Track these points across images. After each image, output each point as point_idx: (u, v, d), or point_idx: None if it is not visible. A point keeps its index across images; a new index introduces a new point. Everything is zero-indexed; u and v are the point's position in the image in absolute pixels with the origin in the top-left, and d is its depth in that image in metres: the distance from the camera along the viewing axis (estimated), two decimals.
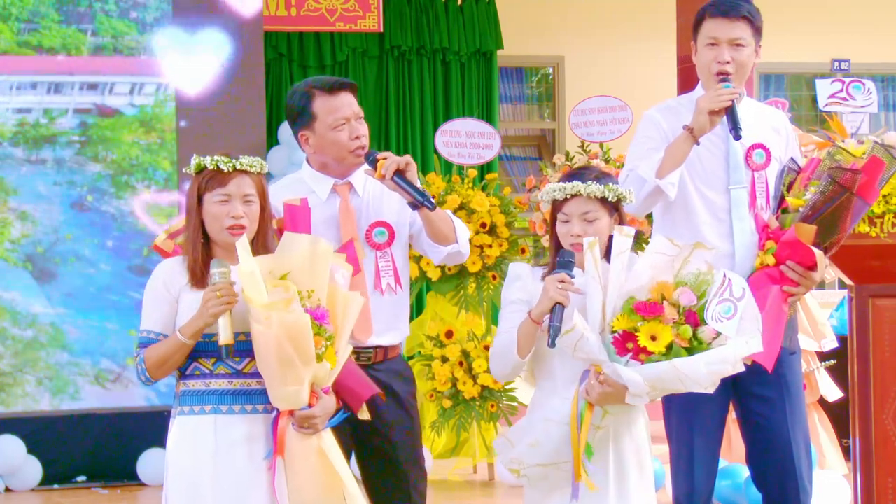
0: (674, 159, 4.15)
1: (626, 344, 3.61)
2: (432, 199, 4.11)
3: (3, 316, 7.78)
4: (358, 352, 4.14)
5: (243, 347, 3.63)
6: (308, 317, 3.54)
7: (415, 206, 4.13)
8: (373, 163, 4.14)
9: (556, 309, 3.66)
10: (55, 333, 7.86)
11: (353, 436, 4.17)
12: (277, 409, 3.64)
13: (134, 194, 7.98)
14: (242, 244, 3.58)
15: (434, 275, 7.51)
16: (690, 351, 3.61)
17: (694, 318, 3.63)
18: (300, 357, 3.52)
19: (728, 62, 4.22)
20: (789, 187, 4.19)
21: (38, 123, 7.87)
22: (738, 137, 4.12)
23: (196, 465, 3.64)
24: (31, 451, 7.72)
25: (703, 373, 3.59)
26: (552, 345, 3.62)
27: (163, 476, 3.74)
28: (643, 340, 3.59)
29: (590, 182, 3.80)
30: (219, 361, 3.67)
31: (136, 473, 7.80)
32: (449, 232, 4.24)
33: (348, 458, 4.19)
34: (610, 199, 3.80)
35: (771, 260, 4.11)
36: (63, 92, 7.93)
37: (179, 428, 3.71)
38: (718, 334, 3.63)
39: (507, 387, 7.48)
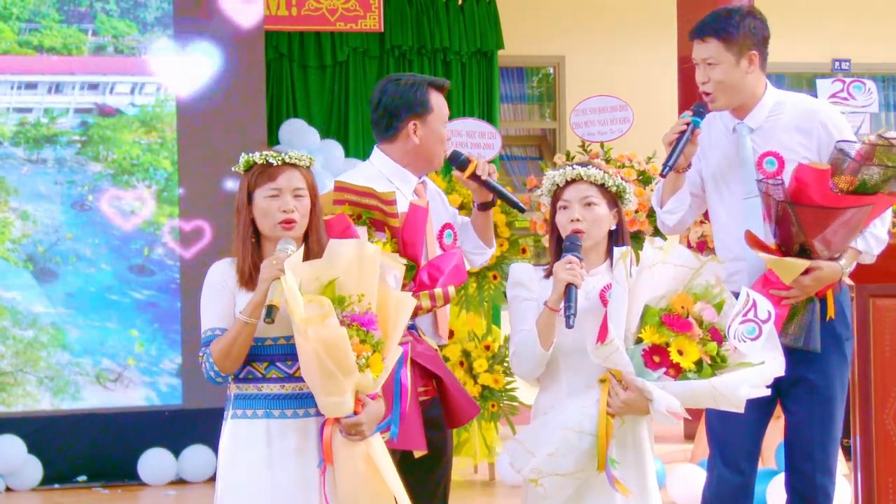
0: (666, 188, 4.35)
1: (653, 357, 3.64)
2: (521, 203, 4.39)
3: (3, 316, 7.78)
4: None
5: (294, 351, 3.58)
6: (344, 331, 3.49)
7: (485, 206, 4.39)
8: (463, 164, 4.27)
9: (570, 290, 3.69)
10: (56, 333, 7.86)
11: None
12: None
13: (135, 194, 7.98)
14: (297, 254, 3.54)
15: None
16: (713, 368, 3.67)
17: (717, 335, 3.69)
18: (340, 369, 3.48)
19: (704, 82, 4.30)
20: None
21: (39, 123, 7.88)
22: (661, 175, 4.27)
23: (249, 470, 3.63)
24: (31, 450, 7.71)
25: (742, 395, 3.65)
26: (570, 326, 3.66)
27: (163, 476, 3.76)
28: (675, 356, 3.63)
29: (590, 167, 3.88)
30: (271, 365, 3.64)
31: (136, 473, 7.78)
32: (492, 234, 4.49)
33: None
34: (608, 187, 3.85)
35: None
36: (64, 92, 7.93)
37: (232, 431, 3.69)
38: (736, 352, 3.68)
39: (507, 387, 7.49)
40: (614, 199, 3.88)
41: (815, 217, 4.11)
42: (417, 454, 4.06)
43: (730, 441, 4.34)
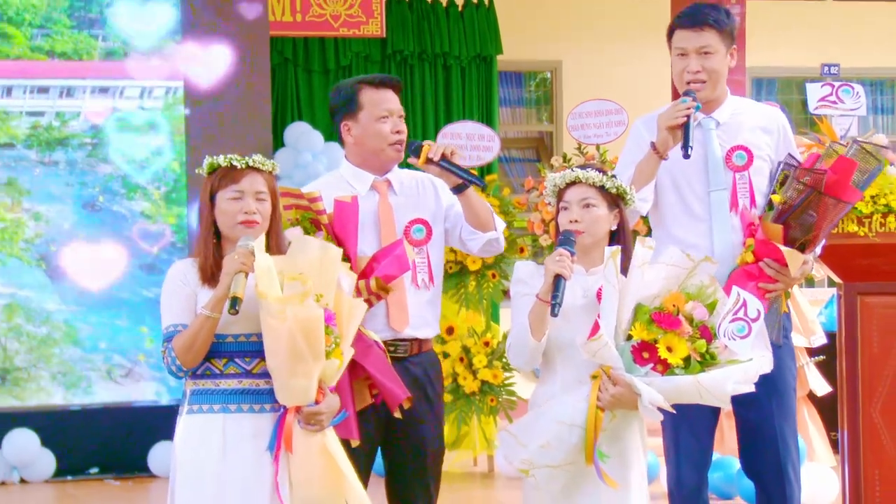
0: (643, 175, 4.22)
1: (642, 353, 3.70)
2: (482, 179, 4.16)
3: (18, 313, 7.88)
4: (396, 343, 4.24)
5: (253, 348, 3.64)
6: (322, 311, 3.57)
7: (459, 189, 4.21)
8: (416, 150, 4.20)
9: (559, 281, 3.73)
10: (68, 330, 7.96)
11: (384, 427, 4.22)
12: (284, 407, 3.64)
13: (144, 195, 8.08)
14: (258, 244, 3.60)
15: None
16: (702, 365, 3.70)
17: (707, 333, 3.73)
18: (311, 351, 3.54)
19: (697, 71, 4.27)
20: (782, 183, 4.25)
21: (51, 126, 7.96)
22: (686, 156, 4.12)
23: (203, 461, 3.65)
24: (45, 443, 7.81)
25: (727, 391, 3.70)
26: (554, 314, 3.71)
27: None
28: (663, 352, 3.67)
29: (589, 169, 3.92)
30: (230, 362, 3.67)
31: (146, 465, 7.89)
32: (488, 218, 4.32)
33: (375, 450, 4.28)
34: (608, 189, 3.87)
35: (750, 257, 4.21)
36: (75, 96, 8.01)
37: (187, 425, 3.71)
38: (726, 349, 3.73)
39: (505, 381, 7.57)
40: (615, 200, 3.89)
41: (832, 210, 4.14)
42: (353, 443, 3.98)
43: (687, 443, 4.33)
